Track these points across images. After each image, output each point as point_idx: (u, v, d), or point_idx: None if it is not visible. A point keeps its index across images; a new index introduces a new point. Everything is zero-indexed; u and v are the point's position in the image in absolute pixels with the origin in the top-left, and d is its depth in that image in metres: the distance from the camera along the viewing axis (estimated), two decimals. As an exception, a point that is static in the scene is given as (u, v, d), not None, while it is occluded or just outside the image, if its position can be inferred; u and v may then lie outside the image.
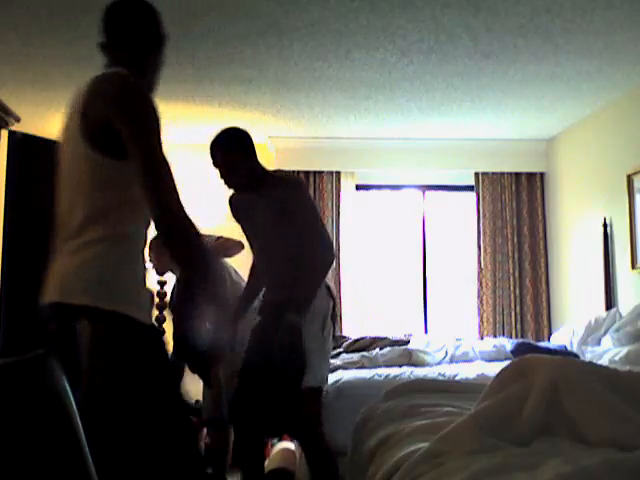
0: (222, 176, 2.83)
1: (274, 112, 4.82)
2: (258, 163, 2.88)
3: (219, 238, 3.74)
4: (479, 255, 5.63)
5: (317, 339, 2.84)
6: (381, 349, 4.62)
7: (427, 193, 5.88)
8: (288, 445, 4.06)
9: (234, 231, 3.28)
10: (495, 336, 5.40)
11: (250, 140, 2.85)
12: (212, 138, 2.84)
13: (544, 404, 1.57)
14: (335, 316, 3.03)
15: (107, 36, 1.80)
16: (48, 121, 4.64)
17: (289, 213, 2.79)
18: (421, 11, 3.16)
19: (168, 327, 4.21)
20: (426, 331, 5.66)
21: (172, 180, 1.60)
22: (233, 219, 3.07)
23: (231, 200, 3.04)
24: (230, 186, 2.89)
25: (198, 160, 5.63)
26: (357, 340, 4.72)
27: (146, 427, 1.59)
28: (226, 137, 2.83)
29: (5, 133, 4.17)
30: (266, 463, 4.23)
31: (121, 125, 1.58)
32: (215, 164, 2.82)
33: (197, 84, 4.21)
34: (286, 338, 2.66)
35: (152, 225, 1.67)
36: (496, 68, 3.91)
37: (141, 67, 1.78)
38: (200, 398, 3.80)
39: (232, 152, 2.78)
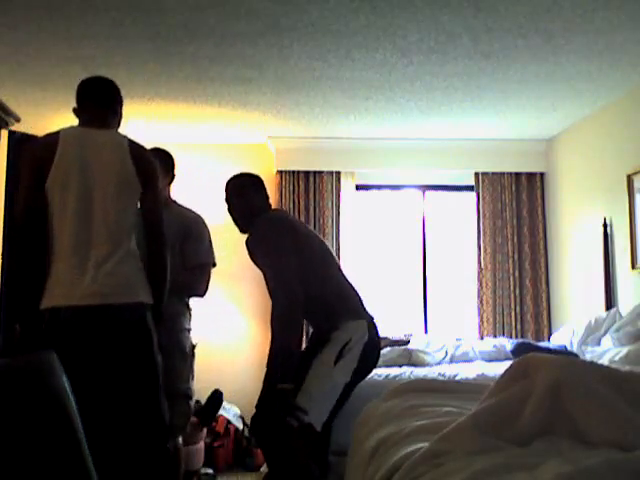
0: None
1: (274, 112, 4.82)
2: (257, 206, 3.18)
3: None
4: (479, 255, 5.63)
5: (325, 365, 2.88)
6: (381, 349, 4.61)
7: (427, 193, 5.88)
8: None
9: (234, 230, 3.27)
10: (495, 336, 5.40)
11: (250, 187, 3.22)
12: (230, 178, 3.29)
13: (546, 404, 1.57)
14: (368, 354, 3.02)
15: (95, 101, 2.55)
16: (48, 121, 4.64)
17: (254, 257, 3.12)
18: (421, 11, 3.16)
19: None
20: (426, 331, 5.66)
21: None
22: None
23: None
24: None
25: (198, 160, 5.66)
26: (357, 340, 4.71)
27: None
28: (229, 184, 3.24)
29: (5, 133, 4.17)
30: (263, 468, 4.23)
31: (150, 180, 2.54)
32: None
33: (197, 84, 4.20)
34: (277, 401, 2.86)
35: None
36: (496, 68, 3.91)
37: (118, 125, 2.66)
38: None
39: (231, 199, 3.22)
